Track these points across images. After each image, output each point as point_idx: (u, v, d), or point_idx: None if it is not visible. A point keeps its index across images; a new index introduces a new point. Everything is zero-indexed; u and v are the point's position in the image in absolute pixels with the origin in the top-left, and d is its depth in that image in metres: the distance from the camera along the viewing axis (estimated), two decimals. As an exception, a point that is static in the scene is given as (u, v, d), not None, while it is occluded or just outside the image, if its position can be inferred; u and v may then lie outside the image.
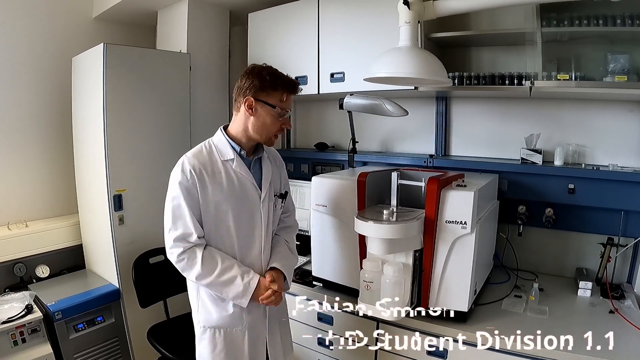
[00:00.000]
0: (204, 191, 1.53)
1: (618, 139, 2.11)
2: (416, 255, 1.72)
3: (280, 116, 1.58)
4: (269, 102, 1.54)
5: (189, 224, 1.52)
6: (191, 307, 1.71)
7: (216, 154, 1.59)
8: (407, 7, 1.65)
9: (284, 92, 1.56)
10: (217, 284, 1.54)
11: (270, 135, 1.60)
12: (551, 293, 2.02)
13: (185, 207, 1.51)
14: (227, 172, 1.58)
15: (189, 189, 1.51)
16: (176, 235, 1.52)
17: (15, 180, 2.77)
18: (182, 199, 1.51)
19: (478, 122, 2.45)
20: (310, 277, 2.15)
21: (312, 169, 2.93)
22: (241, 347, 1.64)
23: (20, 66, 2.74)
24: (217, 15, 2.97)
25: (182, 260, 1.53)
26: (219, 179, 1.56)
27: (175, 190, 1.52)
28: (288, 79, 1.59)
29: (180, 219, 1.52)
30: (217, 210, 1.56)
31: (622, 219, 2.01)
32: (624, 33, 1.80)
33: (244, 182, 1.60)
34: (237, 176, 1.59)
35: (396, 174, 1.79)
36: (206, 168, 1.54)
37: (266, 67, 1.58)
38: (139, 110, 2.53)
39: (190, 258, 1.52)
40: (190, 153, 1.57)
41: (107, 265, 2.60)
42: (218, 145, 1.61)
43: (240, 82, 1.56)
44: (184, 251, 1.52)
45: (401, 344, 1.85)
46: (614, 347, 1.55)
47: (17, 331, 2.16)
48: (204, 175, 1.53)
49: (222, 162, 1.58)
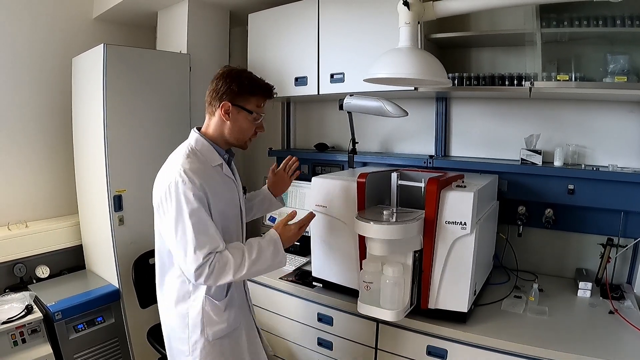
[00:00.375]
0: (215, 199, 1.48)
1: (618, 139, 2.11)
2: (416, 255, 1.72)
3: (256, 120, 1.57)
4: (247, 107, 1.52)
5: (214, 235, 1.43)
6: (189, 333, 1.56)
7: (204, 160, 1.52)
8: (407, 7, 1.65)
9: (262, 97, 1.55)
10: (254, 262, 1.46)
11: (246, 140, 1.60)
12: (551, 294, 2.02)
13: (207, 217, 1.42)
14: (220, 178, 1.56)
15: (202, 199, 1.42)
16: (205, 252, 1.39)
17: (16, 181, 2.78)
18: (202, 211, 1.41)
19: (478, 122, 2.45)
20: (310, 277, 2.16)
21: (312, 169, 2.93)
22: (243, 345, 1.65)
23: (20, 67, 2.75)
24: (217, 15, 2.97)
25: (213, 270, 1.40)
26: (216, 186, 1.51)
27: (190, 204, 1.40)
28: (264, 83, 1.57)
29: (204, 233, 1.41)
30: (221, 215, 1.52)
31: (622, 219, 2.01)
32: (624, 34, 1.80)
33: (231, 185, 1.61)
34: (226, 181, 1.59)
35: (396, 174, 1.79)
36: (206, 176, 1.47)
37: (243, 70, 1.56)
38: (139, 111, 2.53)
39: (217, 261, 1.41)
40: (186, 166, 1.44)
41: (107, 265, 2.60)
42: (202, 150, 1.54)
43: (216, 85, 1.51)
44: (213, 261, 1.40)
45: (401, 345, 1.86)
46: (614, 347, 1.55)
47: (17, 331, 2.16)
48: (207, 183, 1.46)
49: (212, 167, 1.53)
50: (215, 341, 1.57)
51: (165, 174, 1.49)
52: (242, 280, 1.64)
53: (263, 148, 3.17)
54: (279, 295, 2.26)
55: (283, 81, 2.64)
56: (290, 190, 2.75)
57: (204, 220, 1.41)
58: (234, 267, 1.43)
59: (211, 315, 1.55)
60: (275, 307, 2.29)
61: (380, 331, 1.92)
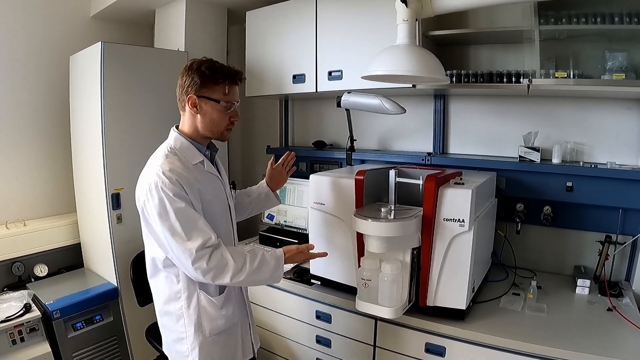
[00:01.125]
0: (194, 199, 1.45)
1: (616, 136, 2.11)
2: (414, 253, 1.72)
3: (227, 109, 1.51)
4: (213, 97, 1.48)
5: (204, 227, 1.41)
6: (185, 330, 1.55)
7: (184, 159, 1.50)
8: (404, 5, 1.65)
9: (226, 84, 1.49)
10: (253, 272, 1.46)
11: (221, 131, 1.54)
12: (549, 291, 2.02)
13: (193, 212, 1.42)
14: (202, 176, 1.53)
15: (185, 198, 1.42)
16: (197, 245, 1.38)
17: (13, 179, 2.77)
18: (186, 208, 1.40)
19: (476, 120, 2.45)
20: (308, 275, 2.15)
21: (310, 167, 2.93)
22: (237, 340, 1.65)
23: (17, 65, 2.74)
24: (214, 13, 2.97)
25: (213, 267, 1.40)
26: (197, 185, 1.48)
27: (175, 204, 1.39)
28: (228, 69, 1.51)
29: (193, 228, 1.40)
30: (206, 214, 1.49)
31: (620, 216, 2.01)
32: (622, 31, 1.80)
33: (215, 182, 1.60)
34: (209, 178, 1.57)
35: (394, 172, 1.79)
36: (184, 176, 1.45)
37: (205, 60, 1.50)
38: (137, 109, 2.52)
39: (219, 260, 1.41)
40: (165, 165, 1.44)
41: (105, 264, 2.60)
42: (182, 149, 1.52)
43: (181, 80, 1.50)
44: (211, 257, 1.40)
45: (399, 342, 1.86)
46: (612, 344, 1.56)
47: (15, 330, 2.16)
48: (187, 184, 1.44)
49: (193, 166, 1.51)
50: (213, 337, 1.56)
51: (145, 176, 1.47)
52: (237, 285, 1.61)
53: (261, 146, 3.17)
54: (277, 292, 2.26)
55: (281, 78, 2.64)
56: (289, 188, 2.75)
57: (189, 215, 1.40)
58: (233, 270, 1.42)
59: (208, 311, 1.55)
60: (274, 305, 2.29)
61: (378, 328, 1.92)
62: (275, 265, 1.52)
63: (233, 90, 1.52)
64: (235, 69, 1.53)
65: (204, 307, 1.54)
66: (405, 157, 2.46)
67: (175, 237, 1.39)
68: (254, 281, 1.51)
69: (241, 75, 1.54)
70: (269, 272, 1.50)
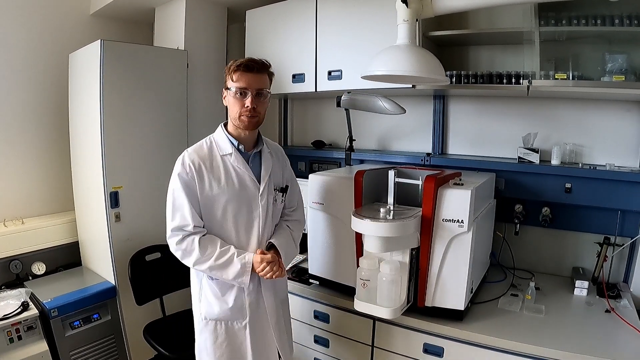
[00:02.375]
0: (202, 185, 1.58)
1: (615, 138, 2.11)
2: (413, 253, 1.72)
3: (238, 95, 1.58)
4: (228, 85, 1.61)
5: (186, 214, 1.57)
6: (192, 300, 1.74)
7: (216, 149, 1.64)
8: (405, 5, 1.64)
9: (236, 71, 1.58)
10: (216, 267, 1.57)
11: (236, 117, 1.61)
12: (547, 292, 2.02)
13: (184, 198, 1.56)
14: (226, 167, 1.62)
15: (188, 182, 1.57)
16: (174, 225, 1.58)
17: (12, 177, 2.76)
18: (181, 190, 1.57)
19: (475, 120, 2.45)
20: (306, 275, 2.15)
21: (309, 166, 2.93)
22: (243, 341, 1.66)
23: (17, 63, 2.73)
24: (214, 12, 2.96)
25: (181, 248, 1.58)
26: (217, 173, 1.60)
27: (174, 183, 1.58)
28: (242, 59, 1.61)
29: (178, 210, 1.57)
30: (215, 204, 1.60)
31: (619, 218, 2.01)
32: (622, 33, 1.81)
33: (242, 176, 1.63)
34: (236, 170, 1.63)
35: (393, 172, 1.79)
36: (205, 163, 1.60)
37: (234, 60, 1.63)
38: (136, 107, 2.52)
39: (188, 244, 1.57)
40: (191, 148, 1.64)
41: (103, 262, 2.59)
42: (218, 140, 1.67)
43: None
44: (182, 239, 1.57)
45: (398, 342, 1.86)
46: (610, 346, 1.56)
47: (13, 328, 2.16)
48: (202, 169, 1.59)
49: (221, 157, 1.63)
50: (209, 321, 1.66)
51: None
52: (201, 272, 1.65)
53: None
54: (275, 292, 2.25)
55: (280, 78, 2.63)
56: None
57: (180, 198, 1.57)
58: (195, 257, 1.57)
59: (208, 294, 1.66)
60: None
61: (376, 329, 1.92)
62: (241, 270, 1.58)
63: (243, 77, 1.57)
64: (250, 58, 1.62)
65: (205, 287, 1.68)
66: (404, 158, 2.46)
67: (167, 210, 1.61)
68: (218, 275, 1.60)
69: (253, 62, 1.59)
70: (232, 274, 1.58)
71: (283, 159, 1.83)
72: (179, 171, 1.58)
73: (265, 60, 1.64)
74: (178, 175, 1.57)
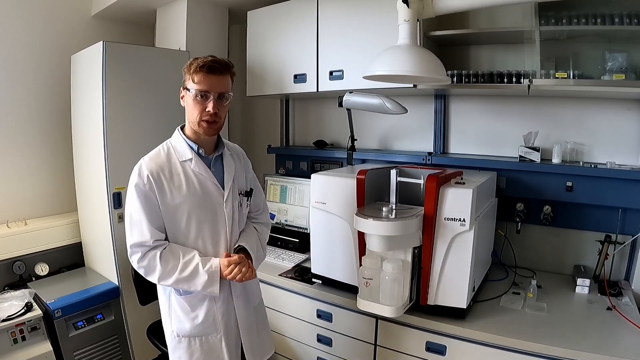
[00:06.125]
0: (163, 195, 1.48)
1: (616, 137, 2.12)
2: (415, 252, 1.73)
3: (198, 97, 1.47)
4: (187, 86, 1.50)
5: (144, 230, 1.46)
6: (161, 315, 1.65)
7: (174, 155, 1.54)
8: (406, 5, 1.66)
9: (197, 72, 1.45)
10: (182, 280, 1.48)
11: (196, 120, 1.49)
12: (549, 290, 2.03)
13: (142, 212, 1.46)
14: (186, 173, 1.52)
15: (147, 194, 1.47)
16: (133, 241, 1.48)
17: (15, 179, 2.77)
18: (138, 204, 1.46)
19: (476, 120, 2.46)
20: (309, 274, 2.16)
21: (310, 166, 2.94)
22: (220, 354, 1.59)
23: (19, 64, 2.74)
24: (216, 13, 2.97)
25: (142, 265, 1.48)
26: (177, 181, 1.50)
27: (131, 196, 1.47)
28: (204, 59, 1.47)
29: (136, 225, 1.47)
30: (178, 214, 1.50)
31: (620, 216, 2.02)
32: (622, 32, 1.81)
33: (204, 182, 1.54)
34: (197, 177, 1.53)
35: (395, 171, 1.80)
36: (164, 171, 1.49)
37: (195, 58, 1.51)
38: (138, 108, 2.53)
39: (150, 261, 1.47)
40: (147, 157, 1.52)
41: (106, 263, 2.60)
42: (176, 146, 1.56)
43: None
44: (143, 255, 1.48)
45: (400, 341, 1.87)
46: (611, 343, 1.56)
47: (17, 329, 2.17)
48: (161, 178, 1.48)
49: (181, 163, 1.53)
50: (182, 338, 1.57)
51: None
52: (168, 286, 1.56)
53: (262, 145, 3.18)
54: (278, 292, 2.26)
55: (282, 78, 2.64)
56: (290, 187, 2.75)
57: (138, 212, 1.47)
58: (158, 273, 1.48)
59: (175, 309, 1.58)
60: (275, 304, 2.29)
61: (379, 327, 1.93)
62: (209, 281, 1.48)
63: (205, 79, 1.45)
64: (213, 58, 1.48)
65: (173, 303, 1.59)
66: (405, 157, 2.47)
67: (126, 227, 1.51)
68: (186, 288, 1.52)
69: (214, 62, 1.47)
70: (200, 285, 1.49)
71: (245, 161, 1.74)
72: (136, 182, 1.46)
73: (229, 60, 1.54)
74: (135, 186, 1.46)
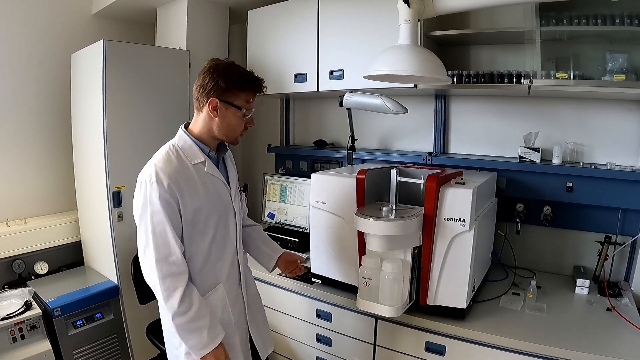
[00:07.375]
0: (184, 201, 1.43)
1: (616, 137, 2.12)
2: (415, 252, 1.73)
3: (246, 116, 1.51)
4: (236, 103, 1.46)
5: (171, 242, 1.40)
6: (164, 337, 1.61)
7: (184, 158, 1.49)
8: (406, 5, 1.65)
9: (251, 92, 1.48)
10: (184, 329, 1.41)
11: (236, 136, 1.53)
12: (549, 291, 2.03)
13: (168, 223, 1.40)
14: (200, 176, 1.50)
15: (170, 202, 1.40)
16: (157, 256, 1.39)
17: (14, 177, 2.77)
18: (164, 214, 1.39)
19: (477, 120, 2.46)
20: (309, 274, 2.16)
21: (311, 166, 2.94)
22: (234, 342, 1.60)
23: (19, 63, 2.74)
24: (216, 12, 2.97)
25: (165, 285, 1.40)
26: (193, 185, 1.47)
27: (155, 205, 1.39)
28: (253, 77, 1.50)
29: (161, 237, 1.40)
30: (197, 218, 1.48)
31: (620, 217, 2.02)
32: (623, 32, 1.81)
33: (216, 184, 1.55)
34: (210, 178, 1.53)
35: (395, 171, 1.80)
36: (181, 176, 1.44)
37: (231, 64, 1.49)
38: (139, 107, 2.53)
39: (171, 287, 1.39)
40: (160, 162, 1.44)
41: (106, 261, 2.60)
42: (184, 148, 1.51)
43: (203, 80, 1.46)
44: (168, 276, 1.40)
45: (400, 341, 1.87)
46: (611, 344, 1.56)
47: (16, 327, 2.17)
48: (180, 184, 1.43)
49: (193, 166, 1.49)
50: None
51: (143, 171, 1.48)
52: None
53: (262, 145, 3.18)
54: (277, 291, 2.26)
55: (282, 78, 2.64)
56: (290, 187, 2.75)
57: (163, 223, 1.39)
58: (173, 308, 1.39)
59: None
60: (274, 304, 2.29)
61: (379, 327, 1.93)
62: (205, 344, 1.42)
63: (254, 98, 1.51)
64: (260, 78, 1.52)
65: None
66: (406, 157, 2.47)
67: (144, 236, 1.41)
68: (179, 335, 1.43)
69: (264, 83, 1.54)
70: (192, 343, 1.42)
71: (232, 158, 1.75)
72: (159, 193, 1.38)
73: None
74: (159, 198, 1.38)
